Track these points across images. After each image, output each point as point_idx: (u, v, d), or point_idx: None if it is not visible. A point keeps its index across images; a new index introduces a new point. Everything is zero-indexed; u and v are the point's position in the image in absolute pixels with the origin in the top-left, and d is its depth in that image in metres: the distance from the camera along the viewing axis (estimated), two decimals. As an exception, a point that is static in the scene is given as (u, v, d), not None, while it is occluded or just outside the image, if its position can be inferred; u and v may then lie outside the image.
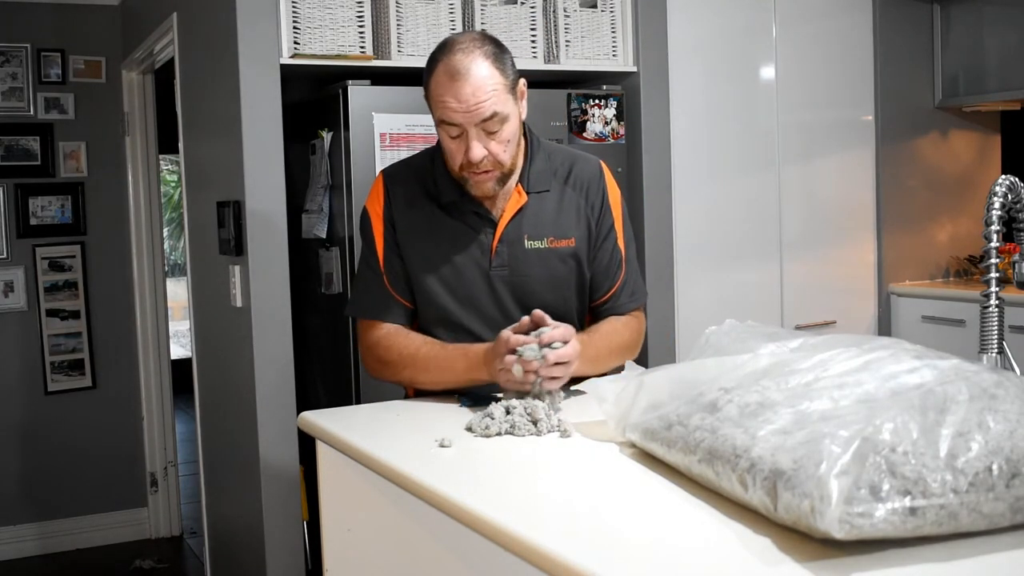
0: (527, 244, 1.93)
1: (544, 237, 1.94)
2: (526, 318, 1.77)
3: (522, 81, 1.87)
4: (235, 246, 2.91)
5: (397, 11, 2.99)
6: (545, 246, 1.94)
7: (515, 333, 1.73)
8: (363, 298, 1.97)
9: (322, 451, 1.77)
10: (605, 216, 2.00)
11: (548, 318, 1.76)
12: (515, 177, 1.92)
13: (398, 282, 1.94)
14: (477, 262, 1.92)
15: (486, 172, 1.84)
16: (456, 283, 1.92)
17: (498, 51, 1.82)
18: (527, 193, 1.93)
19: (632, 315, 2.04)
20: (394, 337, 1.91)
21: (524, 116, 1.89)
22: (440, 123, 1.82)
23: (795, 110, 3.65)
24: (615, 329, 1.99)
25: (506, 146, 1.84)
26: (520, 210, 1.92)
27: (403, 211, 1.94)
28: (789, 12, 3.63)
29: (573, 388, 1.70)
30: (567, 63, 3.24)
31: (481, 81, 1.77)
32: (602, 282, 2.00)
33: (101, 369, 4.36)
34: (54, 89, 4.23)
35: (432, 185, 1.94)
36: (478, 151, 1.80)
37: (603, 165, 2.05)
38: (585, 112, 3.19)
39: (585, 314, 2.05)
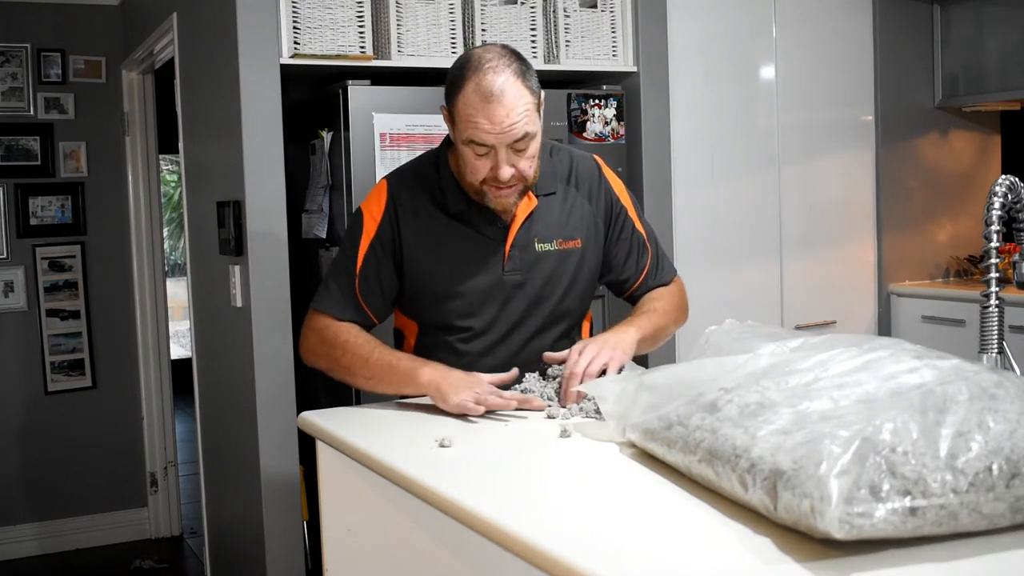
0: (537, 247, 1.94)
1: (553, 239, 1.95)
2: (513, 372, 1.79)
3: (542, 93, 1.87)
4: (235, 246, 2.91)
5: (397, 11, 2.99)
6: (555, 248, 1.95)
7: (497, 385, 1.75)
8: (330, 293, 1.95)
9: (322, 451, 1.77)
10: (616, 211, 2.02)
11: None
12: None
13: (369, 292, 1.93)
14: (490, 268, 1.92)
15: (510, 187, 1.83)
16: (468, 289, 1.91)
17: (525, 68, 1.81)
18: (536, 196, 1.94)
19: (672, 283, 2.09)
20: (347, 327, 1.91)
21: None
22: (468, 142, 1.80)
23: (795, 110, 3.65)
24: (659, 296, 2.03)
25: (531, 162, 1.84)
26: (531, 214, 1.93)
27: (410, 220, 1.93)
28: (789, 12, 3.63)
29: (574, 389, 1.71)
30: (567, 63, 3.24)
31: (514, 102, 1.76)
32: (632, 268, 2.03)
33: (101, 369, 4.36)
34: (54, 89, 4.23)
35: (439, 193, 1.93)
36: (507, 171, 1.79)
37: (599, 160, 2.06)
38: (585, 112, 3.19)
39: (588, 311, 2.06)
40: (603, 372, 1.73)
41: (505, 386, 1.77)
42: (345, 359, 1.88)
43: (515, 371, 1.79)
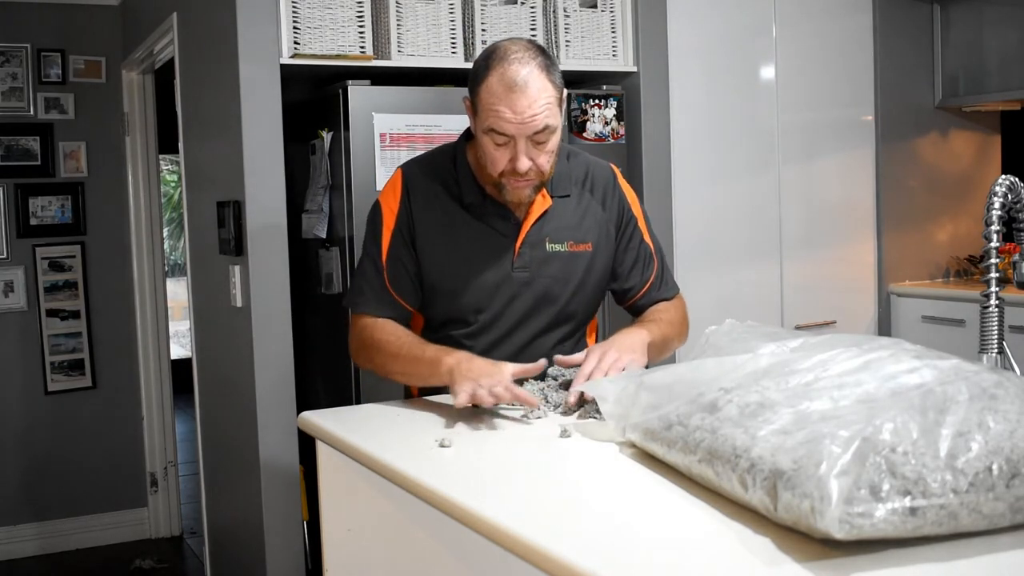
0: (548, 247, 1.94)
1: (564, 241, 1.95)
2: (542, 362, 1.77)
3: (564, 91, 1.88)
4: (235, 246, 2.91)
5: (397, 11, 2.99)
6: (565, 249, 1.95)
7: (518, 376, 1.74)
8: (362, 291, 1.96)
9: (322, 451, 1.77)
10: (627, 220, 2.03)
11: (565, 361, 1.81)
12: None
13: (400, 282, 1.93)
14: (499, 263, 1.92)
15: (528, 180, 1.84)
16: (475, 283, 1.92)
17: (549, 62, 1.83)
18: (551, 197, 1.94)
19: (674, 298, 2.09)
20: (382, 325, 1.92)
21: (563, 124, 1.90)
22: (488, 131, 1.81)
23: (795, 110, 3.65)
24: (665, 308, 2.04)
25: (550, 156, 1.85)
26: (544, 213, 1.94)
27: (423, 209, 1.93)
28: (789, 12, 3.63)
29: (574, 389, 1.70)
30: (567, 63, 3.24)
31: (536, 94, 1.77)
32: (637, 277, 2.04)
33: (101, 369, 4.36)
34: (54, 89, 4.23)
35: (454, 185, 1.94)
36: (525, 162, 1.80)
37: (615, 169, 2.08)
38: (585, 112, 3.19)
39: (594, 316, 2.07)
40: None
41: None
42: (379, 358, 1.89)
43: (542, 362, 1.77)
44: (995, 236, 1.58)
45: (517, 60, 1.78)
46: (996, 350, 1.60)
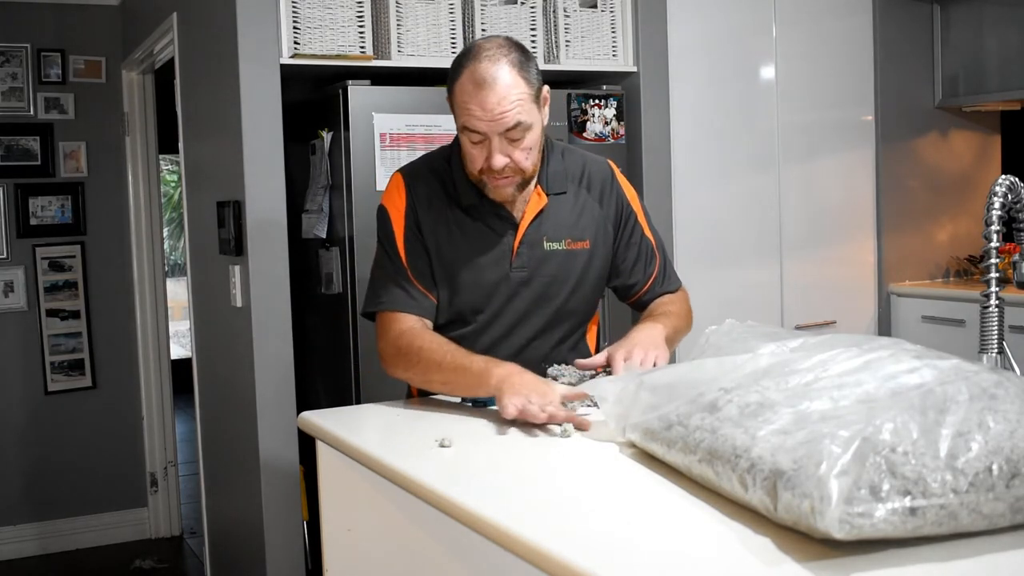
0: (546, 245, 1.94)
1: (562, 239, 1.95)
2: (600, 357, 1.80)
3: (545, 88, 1.87)
4: (235, 246, 2.91)
5: (397, 11, 2.99)
6: (563, 247, 1.95)
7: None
8: (386, 292, 1.92)
9: (322, 451, 1.77)
10: (626, 215, 2.03)
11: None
12: (533, 179, 1.92)
13: (422, 275, 1.92)
14: (497, 264, 1.92)
15: (506, 177, 1.84)
16: (475, 284, 1.92)
17: (524, 59, 1.82)
18: (547, 195, 1.94)
19: (678, 291, 2.11)
20: (420, 332, 1.88)
21: (546, 122, 1.89)
22: (463, 129, 1.82)
23: (795, 110, 3.65)
24: (671, 300, 2.05)
25: (528, 153, 1.84)
26: (540, 212, 1.94)
27: (425, 210, 1.93)
28: (789, 12, 3.63)
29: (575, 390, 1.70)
30: (567, 63, 3.24)
31: (506, 90, 1.77)
32: (640, 273, 2.04)
33: (101, 369, 4.36)
34: (54, 89, 4.23)
35: (451, 187, 1.94)
36: (499, 160, 1.80)
37: (612, 164, 2.08)
38: (585, 112, 3.19)
39: (595, 314, 2.07)
40: None
41: None
42: (420, 366, 1.84)
43: (600, 358, 1.80)
44: (995, 236, 1.58)
45: (488, 57, 1.78)
46: (996, 350, 1.60)
